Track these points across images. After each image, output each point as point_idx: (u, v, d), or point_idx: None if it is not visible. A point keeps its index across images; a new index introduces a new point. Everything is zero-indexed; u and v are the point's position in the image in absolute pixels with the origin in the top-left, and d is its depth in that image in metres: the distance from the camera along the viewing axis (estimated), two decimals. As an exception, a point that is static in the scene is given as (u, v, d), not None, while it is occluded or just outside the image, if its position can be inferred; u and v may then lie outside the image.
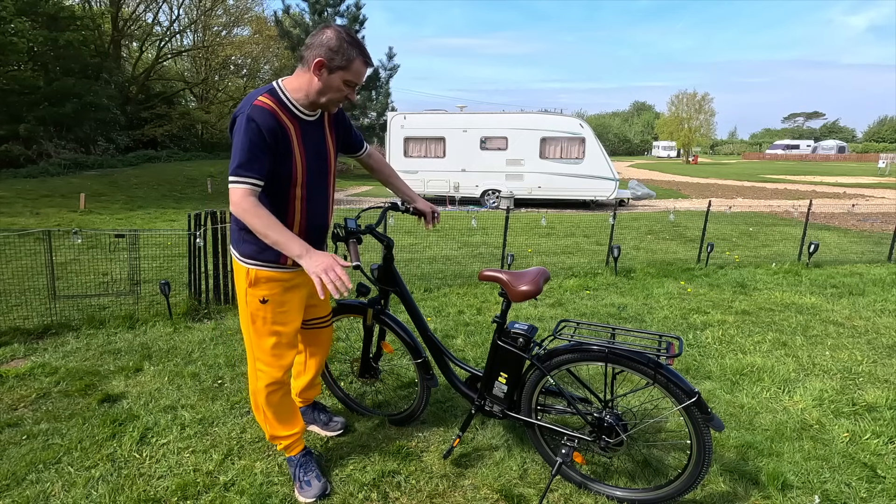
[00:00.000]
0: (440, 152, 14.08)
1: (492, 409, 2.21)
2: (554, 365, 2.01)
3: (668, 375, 1.81)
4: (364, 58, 1.78)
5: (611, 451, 1.98)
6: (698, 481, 1.87)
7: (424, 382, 2.39)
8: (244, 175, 1.69)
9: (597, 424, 1.98)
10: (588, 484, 2.10)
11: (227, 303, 4.32)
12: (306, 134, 1.87)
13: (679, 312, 4.38)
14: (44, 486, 2.07)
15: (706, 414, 1.78)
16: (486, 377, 2.20)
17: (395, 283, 2.31)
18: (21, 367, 3.11)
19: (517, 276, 2.04)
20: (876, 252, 7.26)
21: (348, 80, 1.78)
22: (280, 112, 1.77)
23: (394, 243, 2.27)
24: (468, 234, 8.43)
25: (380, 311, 2.36)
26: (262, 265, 1.89)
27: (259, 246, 1.85)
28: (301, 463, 2.11)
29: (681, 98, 50.91)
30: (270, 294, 1.92)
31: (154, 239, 7.17)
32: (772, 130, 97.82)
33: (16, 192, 12.63)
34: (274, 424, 2.08)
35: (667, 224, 9.98)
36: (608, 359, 1.90)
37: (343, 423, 2.49)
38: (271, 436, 2.11)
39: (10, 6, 16.13)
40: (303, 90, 1.80)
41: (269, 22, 28.18)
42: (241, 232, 1.89)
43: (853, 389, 3.00)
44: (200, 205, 12.87)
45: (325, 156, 1.97)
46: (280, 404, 2.07)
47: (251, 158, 1.69)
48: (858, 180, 24.67)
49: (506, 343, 2.09)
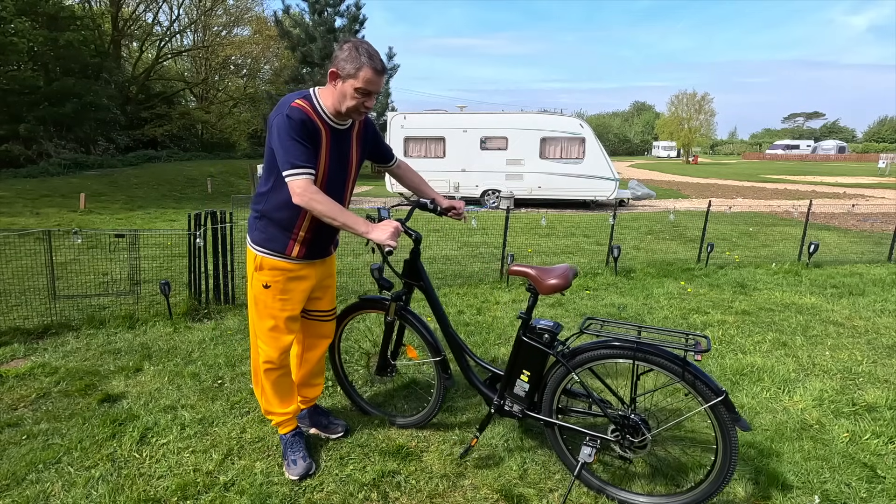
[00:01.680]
0: (440, 152, 14.07)
1: (511, 408, 2.18)
2: (579, 362, 1.99)
3: (695, 373, 1.79)
4: (373, 65, 1.85)
5: (634, 451, 1.96)
6: (724, 483, 1.83)
7: (442, 382, 2.38)
8: (300, 167, 1.82)
9: (621, 424, 1.95)
10: (606, 489, 2.05)
11: (227, 303, 4.32)
12: (334, 140, 1.99)
13: (679, 312, 4.38)
14: (44, 486, 2.07)
15: (733, 413, 1.75)
16: (507, 375, 2.17)
17: (420, 277, 2.32)
18: (21, 367, 3.11)
19: (546, 271, 2.04)
20: (876, 252, 7.26)
21: (358, 87, 1.86)
22: (313, 114, 1.91)
23: (422, 238, 2.29)
24: (468, 234, 8.43)
25: (402, 307, 2.36)
26: (267, 253, 2.04)
27: (268, 235, 2.03)
28: (290, 442, 2.23)
29: (681, 98, 50.94)
30: (272, 281, 2.06)
31: (154, 239, 7.17)
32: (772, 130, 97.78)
33: (16, 192, 12.62)
34: (270, 399, 2.23)
35: (667, 224, 9.98)
36: (636, 355, 1.88)
37: (344, 426, 2.49)
38: (265, 410, 2.26)
39: (10, 6, 16.13)
40: (329, 100, 1.95)
41: (269, 22, 28.17)
42: (255, 221, 2.06)
43: (853, 389, 3.00)
44: (200, 205, 12.87)
45: (346, 163, 2.09)
46: (277, 383, 2.21)
47: (301, 151, 1.83)
48: (858, 180, 24.67)
49: (530, 339, 2.06)
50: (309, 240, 2.06)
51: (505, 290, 5.04)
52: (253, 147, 31.82)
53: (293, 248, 2.04)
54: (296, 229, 2.03)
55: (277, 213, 2.00)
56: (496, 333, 3.83)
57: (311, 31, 20.24)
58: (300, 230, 2.03)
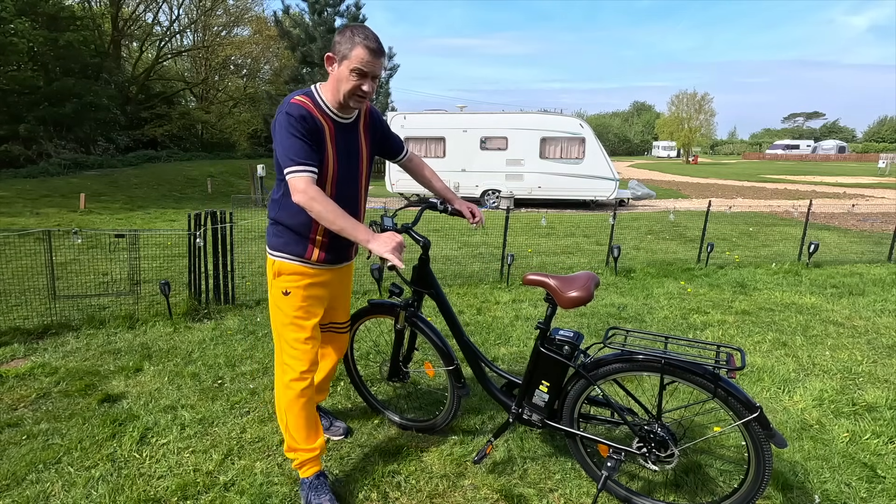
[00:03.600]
0: (440, 152, 14.07)
1: (530, 417, 2.10)
2: (601, 375, 1.90)
3: (728, 389, 1.70)
4: (367, 44, 1.77)
5: (661, 465, 1.89)
6: (755, 499, 1.77)
7: (455, 391, 2.30)
8: (300, 163, 1.74)
9: (647, 437, 1.88)
10: (634, 499, 2.00)
11: (227, 303, 4.32)
12: (339, 135, 1.92)
13: (679, 312, 4.38)
14: (44, 486, 2.07)
15: (768, 430, 1.67)
16: (525, 385, 2.10)
17: (430, 284, 2.24)
18: (21, 367, 3.11)
19: (566, 282, 1.92)
20: (876, 252, 7.26)
21: (354, 68, 1.78)
22: (315, 110, 1.84)
23: (430, 244, 2.21)
24: (468, 234, 8.43)
25: (412, 314, 2.29)
26: (287, 258, 1.96)
27: (285, 239, 1.95)
28: (314, 485, 2.01)
29: (681, 98, 50.97)
30: (293, 286, 1.96)
31: (154, 239, 7.17)
32: (772, 130, 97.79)
33: (16, 192, 12.62)
34: (295, 433, 2.01)
35: (667, 224, 9.98)
36: (664, 370, 1.79)
37: (345, 429, 2.48)
38: (290, 447, 2.04)
39: (10, 6, 16.11)
40: (329, 89, 1.88)
41: (268, 22, 28.17)
42: (273, 225, 1.98)
43: (853, 389, 3.00)
44: (200, 205, 12.87)
45: (356, 158, 2.01)
46: (304, 408, 2.01)
47: (301, 147, 1.76)
48: (858, 180, 24.67)
49: (549, 351, 1.98)
50: (328, 243, 1.98)
51: (505, 290, 5.04)
52: (253, 147, 31.81)
53: (312, 252, 1.96)
54: (312, 233, 1.94)
55: (292, 219, 1.92)
56: (496, 333, 3.83)
57: (311, 31, 20.25)
58: (317, 234, 1.95)
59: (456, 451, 2.34)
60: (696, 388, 1.78)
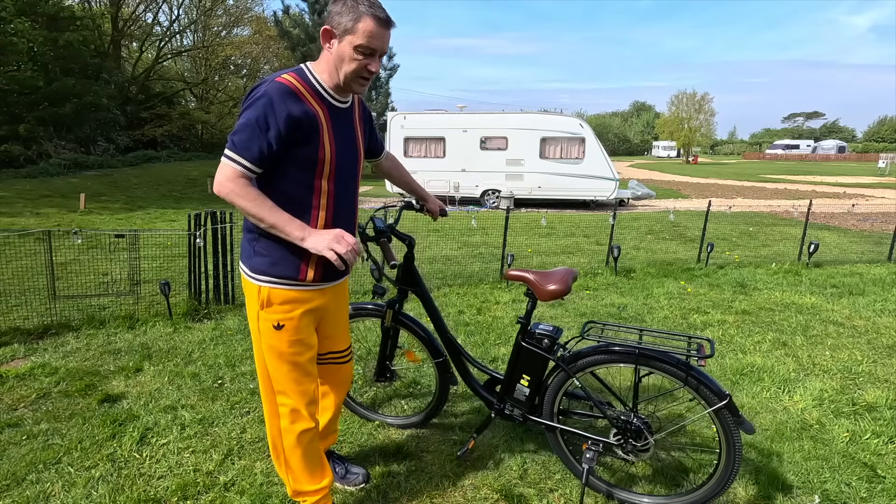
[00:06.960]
0: (440, 152, 14.07)
1: (511, 412, 2.16)
2: (580, 367, 1.97)
3: (698, 377, 1.78)
4: (375, 13, 1.47)
5: (637, 455, 1.95)
6: (728, 485, 1.84)
7: (444, 382, 2.37)
8: (242, 155, 1.45)
9: (624, 428, 1.94)
10: (613, 492, 2.05)
11: (227, 303, 4.32)
12: (337, 122, 1.61)
13: (679, 312, 4.38)
14: (44, 487, 2.07)
15: (737, 417, 1.75)
16: (507, 380, 2.15)
17: (415, 282, 2.27)
18: (21, 367, 3.11)
19: (545, 276, 2.00)
20: (876, 252, 7.26)
21: (359, 45, 1.48)
22: (306, 93, 1.53)
23: (415, 242, 2.24)
24: (468, 234, 8.43)
25: (398, 312, 2.33)
26: (276, 282, 1.60)
27: (272, 258, 1.59)
28: None
29: (681, 98, 50.88)
30: (286, 318, 1.62)
31: (154, 239, 7.17)
32: (772, 130, 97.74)
33: (16, 192, 12.62)
34: (298, 476, 1.77)
35: (667, 224, 9.98)
36: (638, 360, 1.86)
37: (364, 475, 2.12)
38: (294, 491, 1.80)
39: (10, 6, 16.14)
40: (325, 69, 1.57)
41: (268, 22, 28.16)
42: (251, 243, 1.62)
43: (853, 389, 3.00)
44: (200, 205, 12.86)
45: (355, 150, 1.71)
46: (307, 449, 1.75)
47: (250, 137, 1.44)
48: (858, 180, 24.66)
49: (530, 344, 2.04)
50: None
51: (505, 290, 5.04)
52: (253, 147, 31.78)
53: (306, 271, 1.61)
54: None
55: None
56: (496, 333, 3.83)
57: (311, 31, 20.24)
58: None
59: (456, 451, 2.34)
60: (668, 378, 1.86)
